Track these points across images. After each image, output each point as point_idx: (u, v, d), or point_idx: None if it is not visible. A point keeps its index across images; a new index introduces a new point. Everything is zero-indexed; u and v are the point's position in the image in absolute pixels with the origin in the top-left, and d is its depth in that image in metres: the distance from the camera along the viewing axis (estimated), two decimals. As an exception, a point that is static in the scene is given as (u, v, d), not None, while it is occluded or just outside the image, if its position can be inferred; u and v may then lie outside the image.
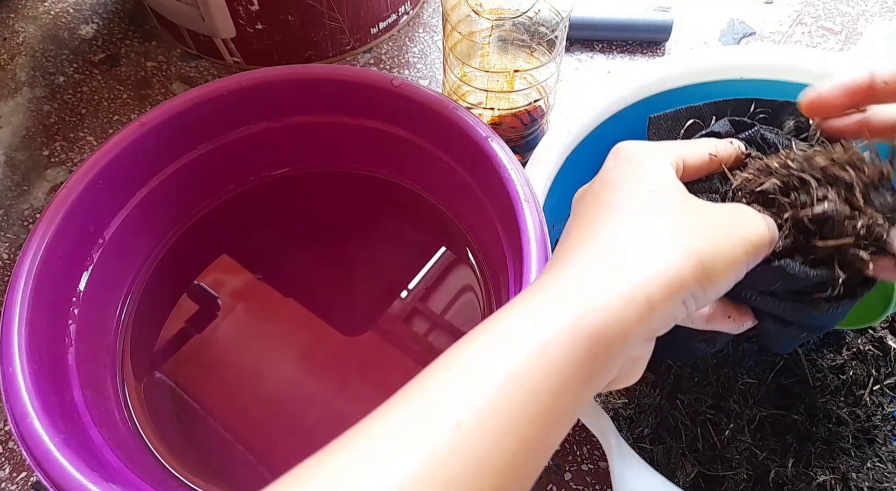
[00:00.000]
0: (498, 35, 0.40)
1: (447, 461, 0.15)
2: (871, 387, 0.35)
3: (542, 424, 0.17)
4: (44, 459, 0.25)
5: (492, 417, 0.16)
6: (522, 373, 0.17)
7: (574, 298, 0.19)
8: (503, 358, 0.17)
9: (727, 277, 0.21)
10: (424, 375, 0.18)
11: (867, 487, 0.32)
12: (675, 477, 0.32)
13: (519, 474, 0.17)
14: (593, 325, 0.18)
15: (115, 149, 0.33)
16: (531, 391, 0.17)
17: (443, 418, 0.16)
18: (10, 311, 0.28)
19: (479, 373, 0.17)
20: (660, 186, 0.22)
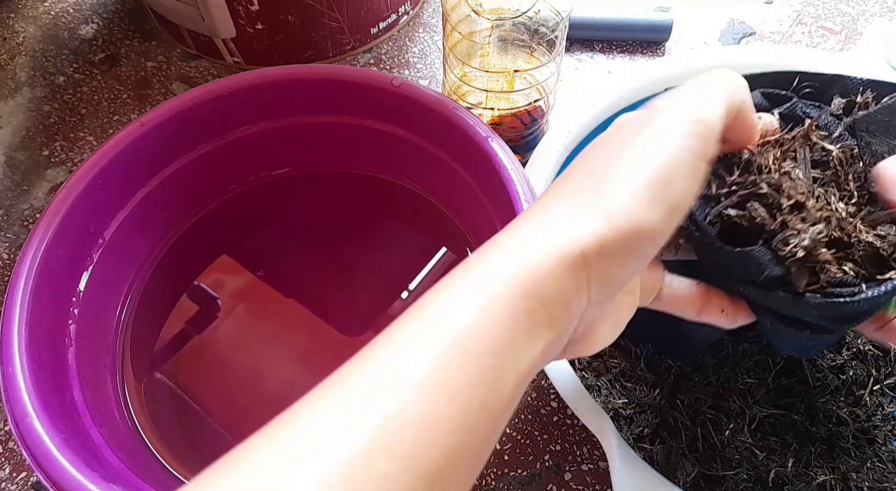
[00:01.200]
0: (498, 35, 0.40)
1: (391, 428, 0.15)
2: (870, 387, 0.35)
3: (489, 386, 0.17)
4: (44, 459, 0.25)
5: (435, 380, 0.16)
6: (464, 335, 0.17)
7: (515, 254, 0.18)
8: (446, 321, 0.17)
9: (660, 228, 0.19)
10: (374, 343, 0.17)
11: (867, 487, 0.32)
12: (675, 477, 0.32)
13: (471, 438, 0.16)
14: (528, 283, 0.18)
15: (115, 149, 0.33)
16: (473, 351, 0.17)
17: (386, 385, 0.16)
18: (10, 311, 0.28)
19: (422, 338, 0.17)
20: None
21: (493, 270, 0.18)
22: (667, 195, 0.19)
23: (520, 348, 0.17)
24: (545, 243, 0.18)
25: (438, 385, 0.16)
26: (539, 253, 0.18)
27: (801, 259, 0.21)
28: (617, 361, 0.36)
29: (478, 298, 0.17)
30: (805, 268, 0.21)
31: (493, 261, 0.18)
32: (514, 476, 0.35)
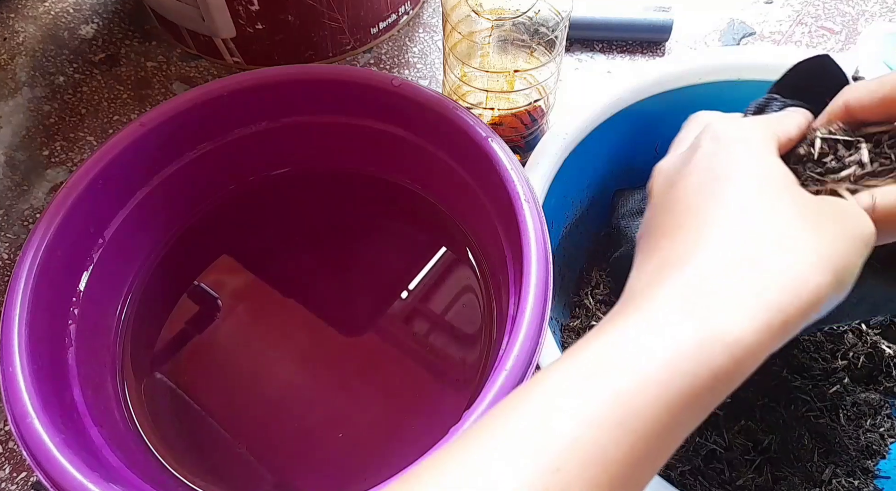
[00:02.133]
0: (498, 35, 0.40)
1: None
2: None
3: (644, 465, 0.16)
4: (44, 459, 0.25)
5: (589, 463, 0.15)
6: (630, 415, 0.15)
7: (693, 326, 0.16)
8: (605, 381, 0.16)
9: (854, 277, 0.18)
10: (507, 405, 0.16)
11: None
12: (675, 468, 0.32)
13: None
14: (720, 361, 0.16)
15: (115, 149, 0.33)
16: (636, 431, 0.15)
17: (538, 459, 0.15)
18: (10, 311, 0.28)
19: (571, 406, 0.16)
20: (772, 180, 0.19)
21: (663, 345, 0.16)
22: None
23: (685, 423, 0.16)
24: (738, 311, 0.16)
25: (596, 468, 0.15)
26: (732, 323, 0.16)
27: None
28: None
29: (653, 373, 0.16)
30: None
31: (657, 333, 0.16)
32: (513, 476, 0.35)
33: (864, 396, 0.35)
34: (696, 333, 0.16)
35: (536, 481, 0.15)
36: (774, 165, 0.20)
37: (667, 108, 0.37)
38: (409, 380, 0.35)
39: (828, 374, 0.35)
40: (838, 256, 0.18)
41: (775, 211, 0.18)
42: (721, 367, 0.16)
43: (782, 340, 0.17)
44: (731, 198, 0.19)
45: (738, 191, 0.19)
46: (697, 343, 0.16)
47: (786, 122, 0.22)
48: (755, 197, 0.19)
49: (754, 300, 0.17)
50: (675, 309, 0.17)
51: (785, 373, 0.35)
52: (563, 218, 0.38)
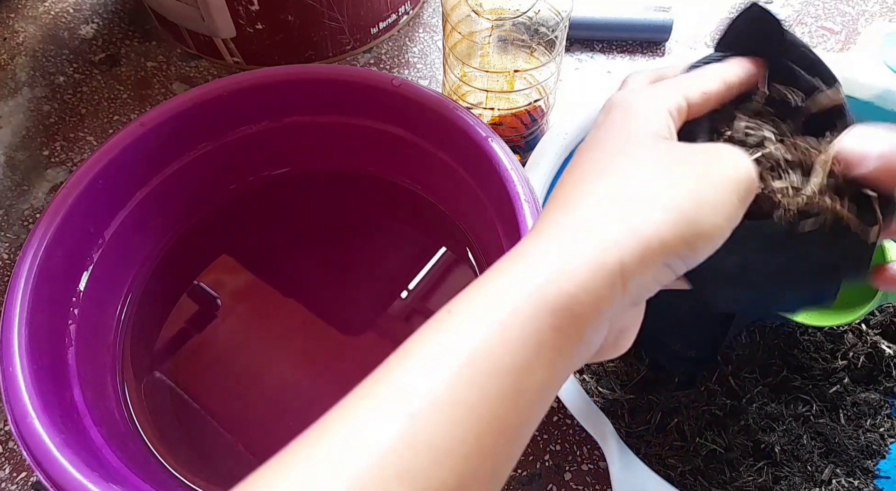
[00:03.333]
0: (498, 35, 0.40)
1: (402, 453, 0.15)
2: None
3: (508, 405, 0.16)
4: (44, 459, 0.25)
5: (448, 403, 0.16)
6: (480, 354, 0.16)
7: (536, 267, 0.17)
8: (462, 340, 0.16)
9: (720, 230, 0.18)
10: (384, 366, 0.17)
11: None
12: (675, 469, 0.32)
13: (488, 459, 0.16)
14: (557, 297, 0.17)
15: (115, 149, 0.33)
16: (490, 372, 0.16)
17: (396, 409, 0.16)
18: (10, 311, 0.28)
19: (435, 358, 0.16)
20: (641, 136, 0.20)
21: (516, 286, 0.17)
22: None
23: (543, 365, 0.17)
24: (576, 252, 0.17)
25: (450, 408, 0.16)
26: (569, 262, 0.17)
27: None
28: (614, 364, 0.36)
29: (496, 315, 0.17)
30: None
31: (518, 275, 0.17)
32: (513, 476, 0.35)
33: (864, 396, 0.35)
34: (537, 286, 0.17)
35: (390, 432, 0.15)
36: (650, 124, 0.20)
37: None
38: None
39: (828, 374, 0.35)
40: (693, 198, 0.18)
41: (636, 166, 0.19)
42: (564, 319, 0.17)
43: (623, 297, 0.18)
44: (597, 160, 0.20)
45: (604, 153, 0.20)
46: (534, 293, 0.17)
47: (696, 85, 0.22)
48: (619, 156, 0.20)
49: (592, 259, 0.17)
50: (516, 276, 0.18)
51: (785, 372, 0.35)
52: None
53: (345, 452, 0.15)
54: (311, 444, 0.16)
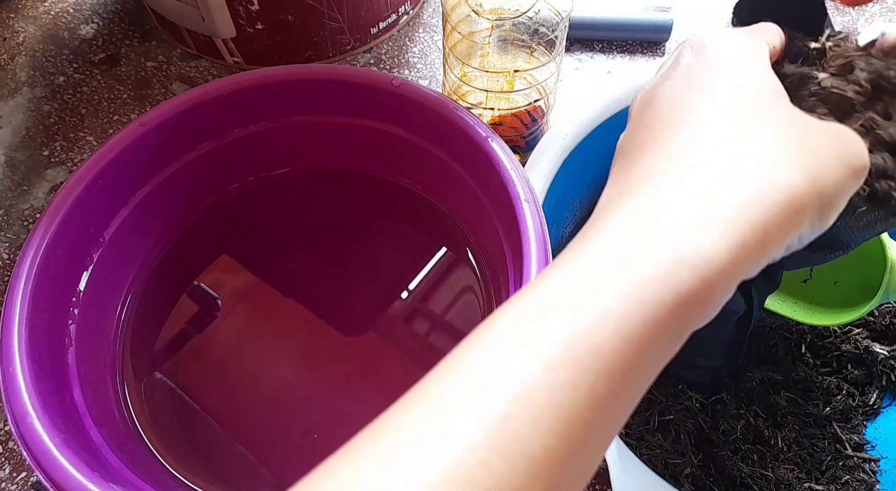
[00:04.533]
0: (498, 35, 0.40)
1: (488, 459, 0.13)
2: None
3: (610, 406, 0.14)
4: (44, 459, 0.25)
5: (541, 407, 0.13)
6: (587, 354, 0.13)
7: (656, 248, 0.14)
8: (560, 318, 0.14)
9: (839, 207, 0.17)
10: (458, 353, 0.14)
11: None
12: (676, 468, 0.32)
13: (576, 464, 0.14)
14: (689, 284, 0.14)
15: (115, 149, 0.32)
16: (594, 370, 0.13)
17: (481, 408, 0.13)
18: (10, 311, 0.28)
19: (522, 347, 0.14)
20: (763, 90, 0.17)
21: (620, 262, 0.14)
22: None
23: (652, 360, 0.14)
24: (710, 213, 0.15)
25: (545, 411, 0.13)
26: (703, 226, 0.15)
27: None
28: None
29: (607, 301, 0.14)
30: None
31: (618, 247, 0.15)
32: (514, 476, 0.35)
33: (861, 398, 0.35)
34: (659, 255, 0.14)
35: (477, 434, 0.13)
36: (765, 75, 0.18)
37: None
38: (409, 380, 0.35)
39: (823, 374, 0.35)
40: (828, 178, 0.16)
41: (763, 123, 0.17)
42: (690, 290, 0.14)
43: (759, 261, 0.16)
44: (713, 108, 0.17)
45: (721, 100, 0.17)
46: (661, 267, 0.14)
47: (770, 32, 0.21)
48: (741, 108, 0.17)
49: (730, 216, 0.15)
50: (640, 229, 0.15)
51: (787, 371, 0.35)
52: (563, 218, 0.38)
53: (419, 451, 0.13)
54: (381, 439, 0.14)
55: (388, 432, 0.14)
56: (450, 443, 0.13)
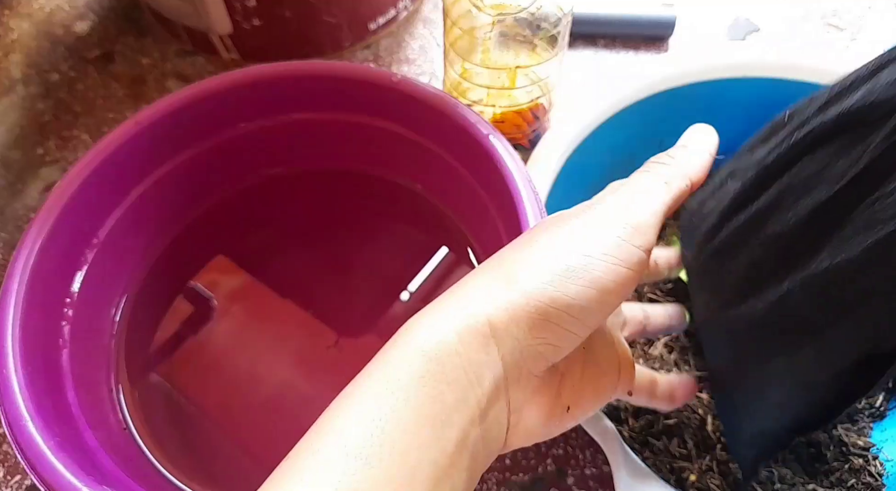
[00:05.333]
0: (499, 31, 0.40)
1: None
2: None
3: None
4: (38, 462, 0.25)
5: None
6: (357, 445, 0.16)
7: (416, 336, 0.18)
8: (340, 437, 0.17)
9: (595, 322, 0.19)
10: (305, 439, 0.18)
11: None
12: (681, 473, 0.31)
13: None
14: (418, 365, 0.17)
15: (109, 147, 0.32)
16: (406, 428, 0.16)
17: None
18: (4, 311, 0.28)
19: (328, 457, 0.17)
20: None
21: (394, 358, 0.18)
22: (585, 277, 0.18)
23: (433, 437, 0.17)
24: (449, 321, 0.18)
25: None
26: (440, 331, 0.18)
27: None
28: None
29: (377, 396, 0.17)
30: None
31: (396, 349, 0.18)
32: (515, 480, 0.34)
33: (867, 400, 0.34)
34: (403, 343, 0.18)
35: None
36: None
37: (671, 106, 0.36)
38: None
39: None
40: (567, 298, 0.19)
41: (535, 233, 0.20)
42: (420, 369, 0.17)
43: (487, 341, 0.18)
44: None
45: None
46: (402, 352, 0.18)
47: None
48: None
49: (458, 311, 0.18)
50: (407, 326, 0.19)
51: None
52: (565, 217, 0.38)
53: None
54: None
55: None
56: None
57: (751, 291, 0.23)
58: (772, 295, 0.21)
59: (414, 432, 0.16)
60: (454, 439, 0.17)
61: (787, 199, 0.21)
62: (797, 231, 0.21)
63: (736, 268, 0.23)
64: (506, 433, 0.19)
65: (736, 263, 0.23)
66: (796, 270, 0.21)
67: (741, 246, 0.23)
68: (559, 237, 0.19)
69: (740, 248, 0.23)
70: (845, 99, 0.20)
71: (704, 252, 0.25)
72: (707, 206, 0.25)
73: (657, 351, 0.35)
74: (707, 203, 0.25)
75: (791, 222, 0.21)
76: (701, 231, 0.25)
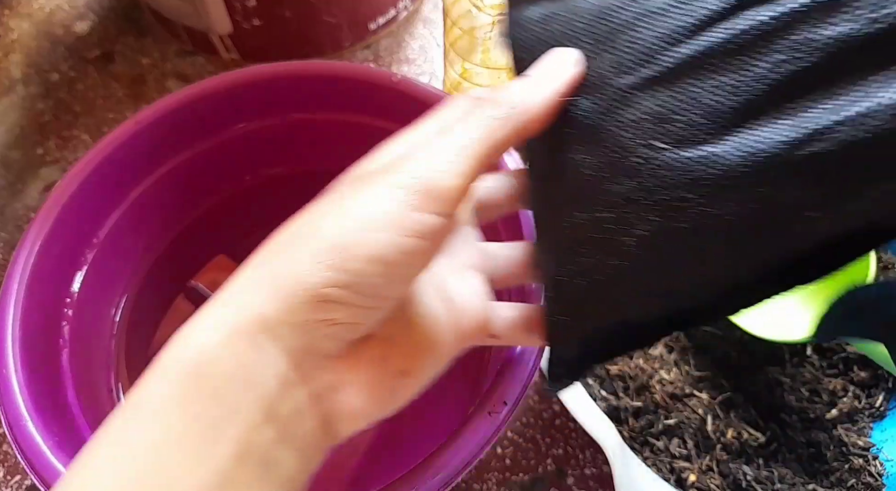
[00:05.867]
0: (500, 30, 0.40)
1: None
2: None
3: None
4: (38, 462, 0.25)
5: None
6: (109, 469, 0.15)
7: (176, 344, 0.17)
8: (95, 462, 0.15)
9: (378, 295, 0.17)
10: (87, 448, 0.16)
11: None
12: (681, 473, 0.31)
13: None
14: (191, 378, 0.15)
15: (109, 147, 0.32)
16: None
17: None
18: (4, 311, 0.28)
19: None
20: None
21: (151, 380, 0.16)
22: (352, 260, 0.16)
23: (197, 460, 0.15)
24: (212, 326, 0.16)
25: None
26: (201, 340, 0.16)
27: None
28: (618, 367, 0.35)
29: (137, 408, 0.15)
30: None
31: (156, 365, 0.16)
32: (515, 480, 0.34)
33: (868, 400, 0.34)
34: (163, 360, 0.16)
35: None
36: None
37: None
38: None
39: (829, 375, 0.35)
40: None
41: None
42: (177, 389, 0.16)
43: (259, 338, 0.16)
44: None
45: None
46: (159, 371, 0.16)
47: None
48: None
49: (224, 313, 0.17)
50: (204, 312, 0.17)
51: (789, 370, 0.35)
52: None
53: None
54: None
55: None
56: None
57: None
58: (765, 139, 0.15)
59: (176, 463, 0.15)
60: (229, 454, 0.15)
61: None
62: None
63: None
64: (324, 421, 0.17)
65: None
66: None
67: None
68: (337, 208, 0.17)
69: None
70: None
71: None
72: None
73: (657, 351, 0.35)
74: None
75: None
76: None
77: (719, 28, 0.16)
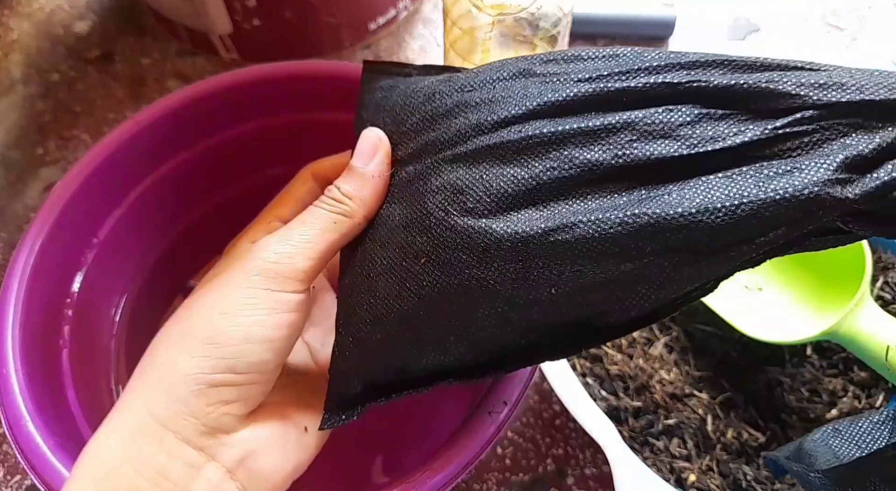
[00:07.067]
0: (499, 31, 0.40)
1: None
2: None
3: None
4: (38, 462, 0.25)
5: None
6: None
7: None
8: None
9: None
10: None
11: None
12: (681, 473, 0.31)
13: None
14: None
15: (109, 147, 0.32)
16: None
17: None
18: (4, 311, 0.28)
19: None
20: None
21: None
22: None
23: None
24: (113, 433, 0.19)
25: None
26: (104, 449, 0.19)
27: None
28: (618, 367, 0.35)
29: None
30: None
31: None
32: (515, 480, 0.34)
33: (868, 400, 0.34)
34: (75, 473, 0.19)
35: None
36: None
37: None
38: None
39: (829, 375, 0.35)
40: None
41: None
42: (95, 479, 0.18)
43: (157, 434, 0.19)
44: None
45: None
46: (73, 484, 0.19)
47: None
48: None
49: (122, 420, 0.20)
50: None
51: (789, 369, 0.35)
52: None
53: None
54: None
55: None
56: None
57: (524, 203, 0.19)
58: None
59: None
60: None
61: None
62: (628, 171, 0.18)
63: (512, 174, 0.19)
64: (247, 487, 0.19)
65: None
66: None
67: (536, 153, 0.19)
68: (203, 306, 0.20)
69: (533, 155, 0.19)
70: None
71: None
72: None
73: (657, 351, 0.35)
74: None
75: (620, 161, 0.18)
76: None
77: (513, 130, 0.19)
